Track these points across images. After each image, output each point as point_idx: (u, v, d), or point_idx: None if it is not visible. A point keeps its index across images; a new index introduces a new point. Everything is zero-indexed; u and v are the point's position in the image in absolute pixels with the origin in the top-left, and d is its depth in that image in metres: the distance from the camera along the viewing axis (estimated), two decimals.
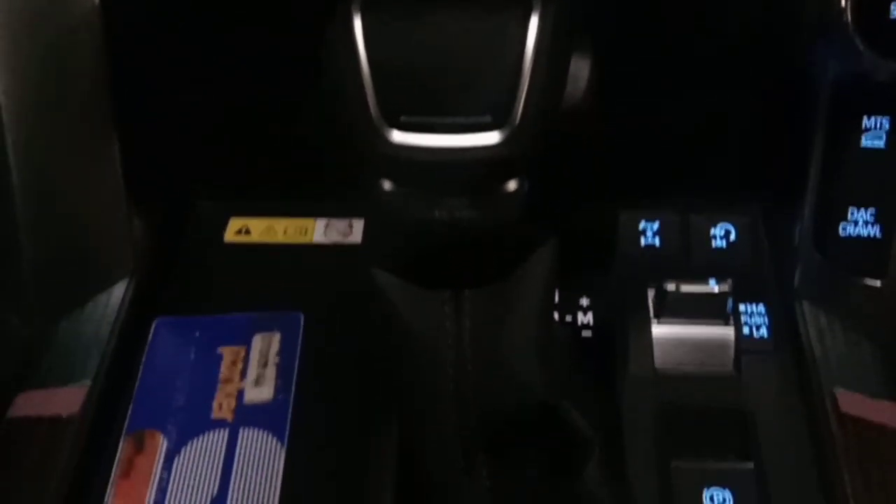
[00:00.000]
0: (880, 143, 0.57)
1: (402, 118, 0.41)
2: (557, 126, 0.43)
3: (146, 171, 0.62)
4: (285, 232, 0.66)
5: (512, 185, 0.44)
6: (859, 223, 0.59)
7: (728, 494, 0.52)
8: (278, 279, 0.63)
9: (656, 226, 0.64)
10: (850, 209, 0.59)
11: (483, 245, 0.46)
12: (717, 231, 0.64)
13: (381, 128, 0.41)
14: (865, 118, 0.57)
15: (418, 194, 0.43)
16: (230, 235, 0.66)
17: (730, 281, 0.57)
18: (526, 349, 0.48)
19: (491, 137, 0.41)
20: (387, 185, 0.43)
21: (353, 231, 0.66)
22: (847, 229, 0.59)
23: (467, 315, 0.47)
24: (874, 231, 0.59)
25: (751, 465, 0.53)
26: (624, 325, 0.59)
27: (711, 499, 0.52)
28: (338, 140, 0.43)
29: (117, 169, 0.59)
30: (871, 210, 0.58)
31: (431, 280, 0.46)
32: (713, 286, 0.57)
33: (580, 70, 0.43)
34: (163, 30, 0.61)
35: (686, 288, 0.57)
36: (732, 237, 0.64)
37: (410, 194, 0.43)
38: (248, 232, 0.66)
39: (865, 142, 0.57)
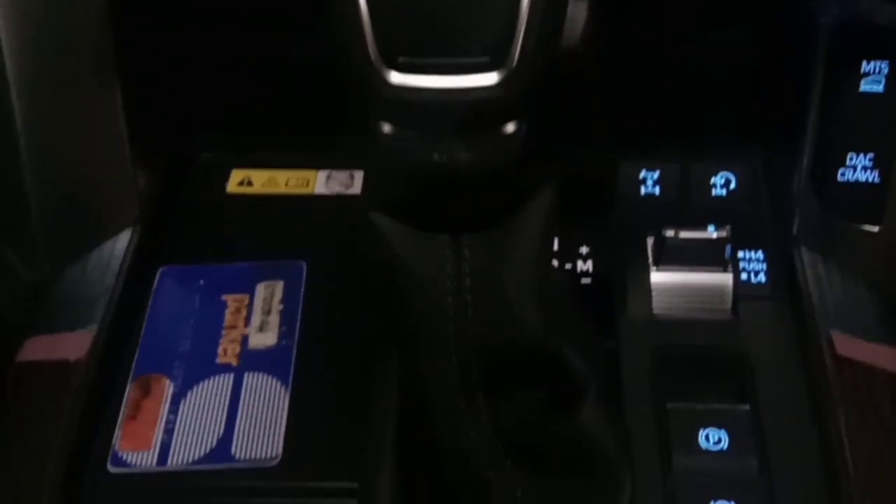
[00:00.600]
0: (879, 88, 0.57)
1: (401, 59, 0.41)
2: (555, 67, 0.43)
3: (150, 121, 0.62)
4: (287, 183, 0.67)
5: (510, 128, 0.43)
6: (858, 168, 0.58)
7: (724, 434, 0.53)
8: (280, 229, 0.64)
9: (656, 175, 0.64)
10: (849, 154, 0.58)
11: (482, 188, 0.45)
12: (718, 180, 0.64)
13: (379, 69, 0.41)
14: (864, 62, 0.56)
15: (417, 136, 0.43)
16: (232, 187, 0.67)
17: (728, 227, 0.58)
18: (525, 293, 0.47)
19: (489, 79, 0.41)
20: (386, 127, 0.43)
21: (355, 182, 0.67)
22: (845, 175, 0.59)
23: (467, 260, 0.46)
24: (872, 176, 0.58)
25: (746, 406, 0.54)
26: (623, 273, 0.60)
27: (707, 438, 0.53)
28: (339, 87, 0.43)
29: (120, 118, 0.59)
30: (870, 155, 0.58)
31: (431, 224, 0.46)
32: (711, 232, 0.58)
33: (578, 11, 0.44)
34: None
35: (685, 234, 0.58)
36: (732, 185, 0.64)
37: (409, 136, 0.43)
38: (250, 183, 0.67)
39: (864, 86, 0.57)
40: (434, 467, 0.49)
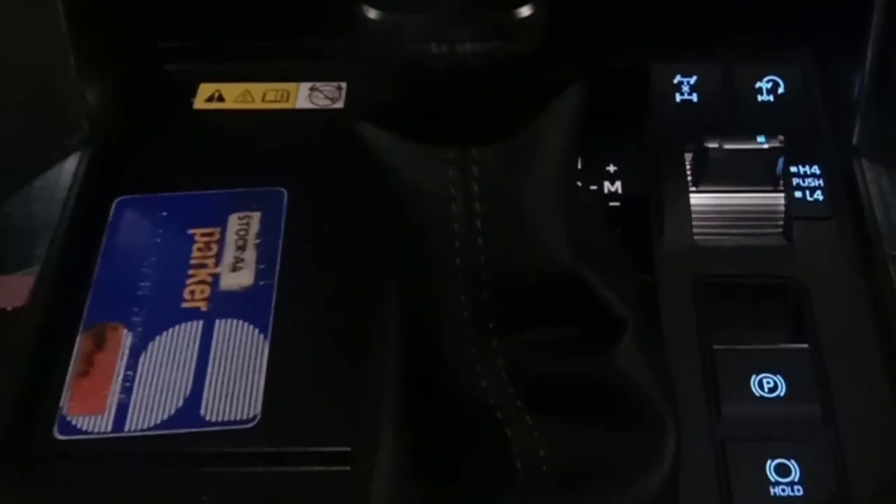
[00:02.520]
0: None
1: None
2: None
3: (100, 24, 0.60)
4: (264, 97, 0.65)
5: (526, 10, 0.41)
6: None
7: (780, 380, 0.51)
8: (257, 151, 0.61)
9: (694, 79, 0.62)
10: None
11: (493, 90, 0.44)
12: (764, 84, 0.62)
13: None
14: None
15: (411, 23, 0.41)
16: (201, 102, 0.64)
17: (781, 137, 0.56)
18: (547, 214, 0.45)
19: None
20: (372, 12, 0.41)
21: (343, 95, 0.65)
22: None
23: (476, 178, 0.44)
24: None
25: (805, 346, 0.52)
26: (658, 194, 0.58)
27: (761, 385, 0.51)
28: None
29: (60, 19, 0.56)
30: None
31: (431, 137, 0.44)
32: (762, 143, 0.55)
33: None
34: None
35: (730, 145, 0.56)
36: (781, 90, 0.62)
37: (401, 22, 0.41)
38: (221, 98, 0.64)
39: None
40: (443, 425, 0.48)
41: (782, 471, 0.48)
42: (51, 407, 0.51)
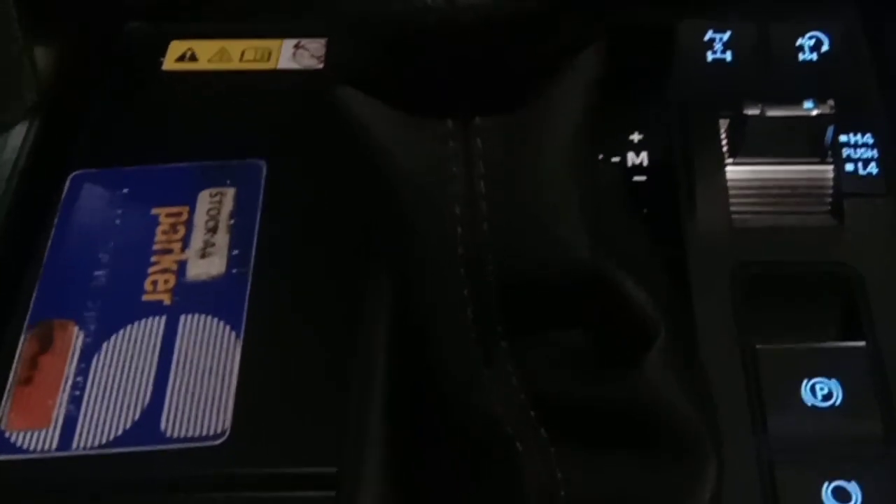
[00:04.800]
0: None
1: None
2: None
3: None
4: (242, 56, 0.62)
5: None
6: None
7: (836, 386, 0.48)
8: (233, 118, 0.59)
9: (727, 36, 0.59)
10: None
11: (497, 52, 0.41)
12: (806, 41, 0.59)
13: None
14: None
15: None
16: (171, 63, 0.62)
17: (831, 102, 0.52)
18: (563, 198, 0.43)
19: None
20: None
21: None
22: None
23: (480, 154, 0.42)
24: None
25: (862, 343, 0.49)
26: (689, 167, 0.55)
27: (813, 392, 0.47)
28: None
29: None
30: None
31: (426, 105, 0.42)
32: (810, 108, 0.52)
33: None
34: None
35: (773, 112, 0.52)
36: (825, 48, 0.59)
37: None
38: (193, 58, 0.62)
39: None
40: (442, 444, 0.46)
41: (841, 496, 0.45)
42: None
